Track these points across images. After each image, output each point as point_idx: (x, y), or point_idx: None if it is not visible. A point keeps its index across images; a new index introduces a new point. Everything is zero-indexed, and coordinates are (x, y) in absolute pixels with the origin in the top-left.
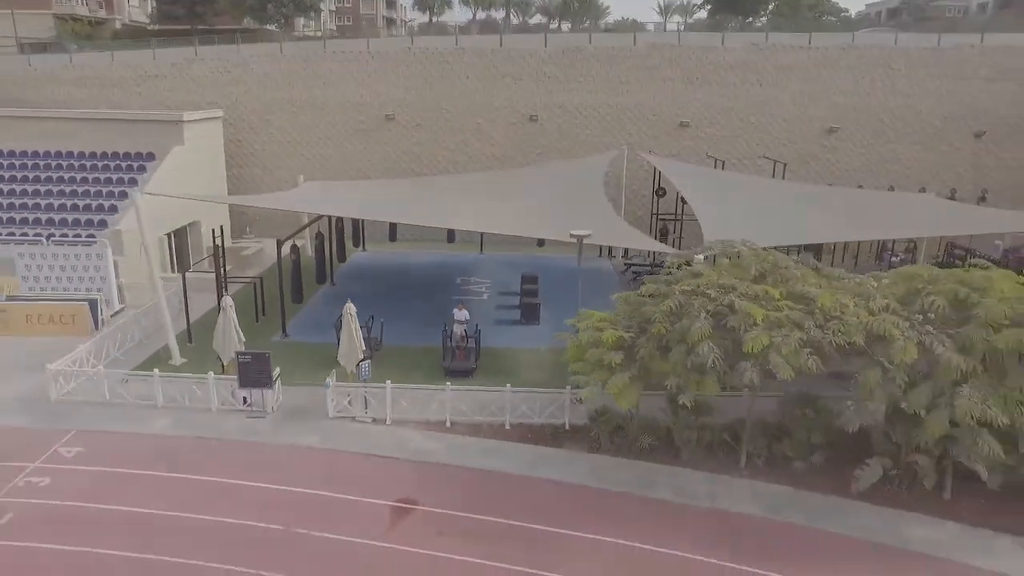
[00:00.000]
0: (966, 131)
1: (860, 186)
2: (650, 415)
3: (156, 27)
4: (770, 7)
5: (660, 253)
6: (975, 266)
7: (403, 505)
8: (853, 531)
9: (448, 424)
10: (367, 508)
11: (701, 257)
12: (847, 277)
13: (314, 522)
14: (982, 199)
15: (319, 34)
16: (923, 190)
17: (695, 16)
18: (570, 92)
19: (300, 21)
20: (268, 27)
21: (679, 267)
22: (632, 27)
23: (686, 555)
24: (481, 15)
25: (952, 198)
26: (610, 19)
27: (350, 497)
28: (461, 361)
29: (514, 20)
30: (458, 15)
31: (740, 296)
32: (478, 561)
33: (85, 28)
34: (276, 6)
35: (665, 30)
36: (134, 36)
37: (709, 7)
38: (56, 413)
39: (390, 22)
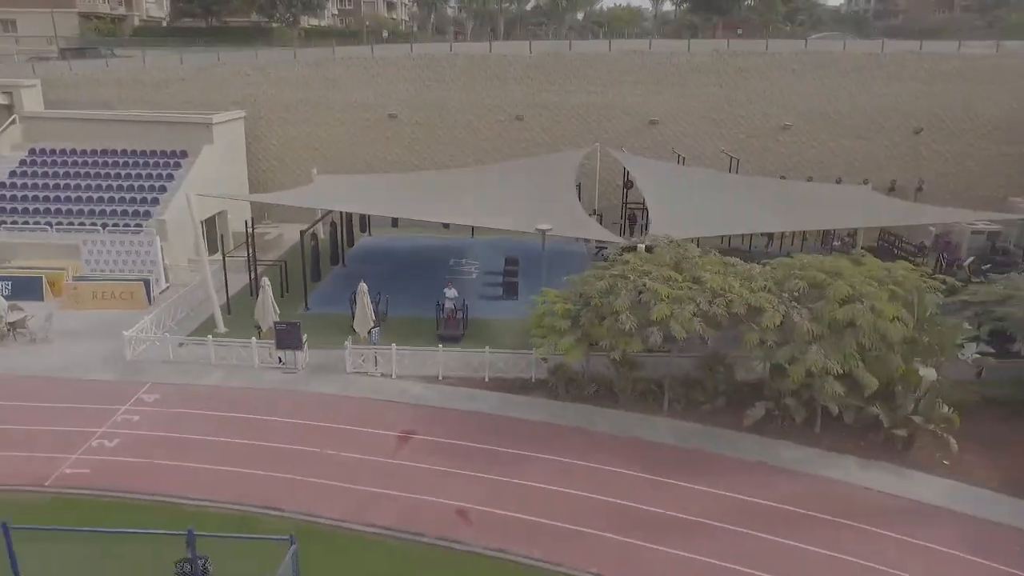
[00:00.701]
0: (906, 128)
1: (810, 177)
2: (596, 371)
3: (172, 24)
4: (745, 3)
5: (626, 240)
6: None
7: (404, 435)
8: (741, 454)
9: (440, 378)
10: (378, 437)
11: (643, 247)
12: (741, 264)
13: (340, 446)
14: (919, 189)
15: (324, 24)
16: (866, 181)
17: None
18: (552, 93)
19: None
20: (274, 24)
21: (621, 254)
22: (628, 13)
23: (614, 469)
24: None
25: (892, 188)
26: (606, 4)
27: (365, 429)
28: (451, 329)
29: (511, 5)
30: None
31: (652, 279)
32: (458, 471)
33: (107, 26)
34: (286, 6)
35: (658, 15)
36: (153, 34)
37: (688, 5)
38: (133, 369)
39: (391, 6)
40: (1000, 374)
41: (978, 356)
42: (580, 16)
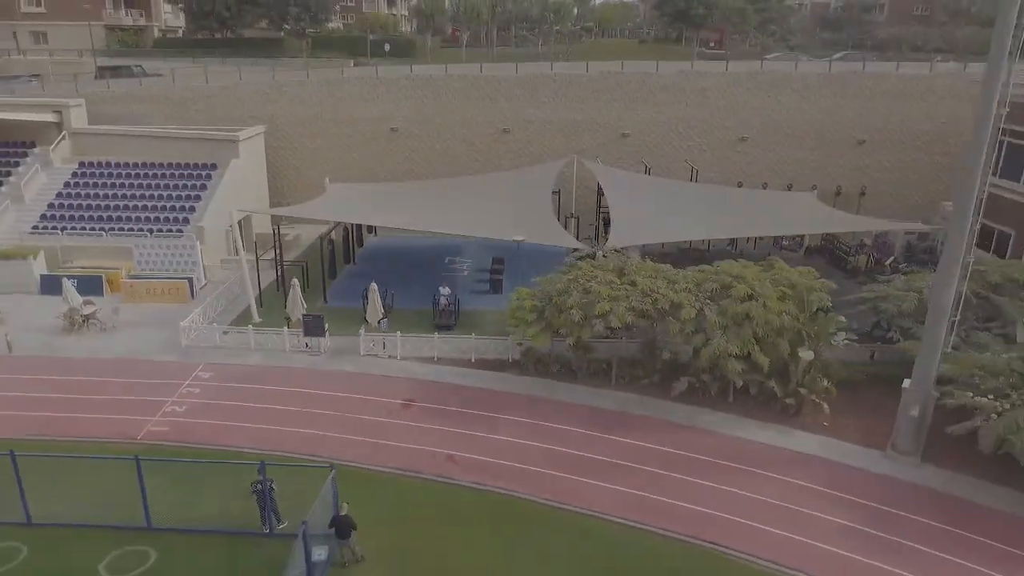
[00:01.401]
0: (850, 140)
1: (765, 184)
2: (559, 353)
3: (190, 36)
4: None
5: (594, 242)
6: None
7: (407, 402)
8: (669, 417)
9: (435, 359)
10: (386, 403)
11: (601, 253)
12: (670, 270)
13: (356, 411)
14: (862, 194)
15: (331, 27)
16: (814, 187)
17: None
18: (535, 109)
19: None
20: (283, 35)
21: (581, 259)
22: (619, 11)
23: (569, 428)
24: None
25: (839, 193)
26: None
27: (376, 398)
28: (445, 319)
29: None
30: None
31: (597, 282)
32: (448, 429)
33: (131, 37)
34: (295, 21)
35: (646, 14)
36: (173, 45)
37: (666, 18)
38: (188, 352)
39: (390, 2)
40: (890, 356)
41: (847, 342)
42: (574, 13)
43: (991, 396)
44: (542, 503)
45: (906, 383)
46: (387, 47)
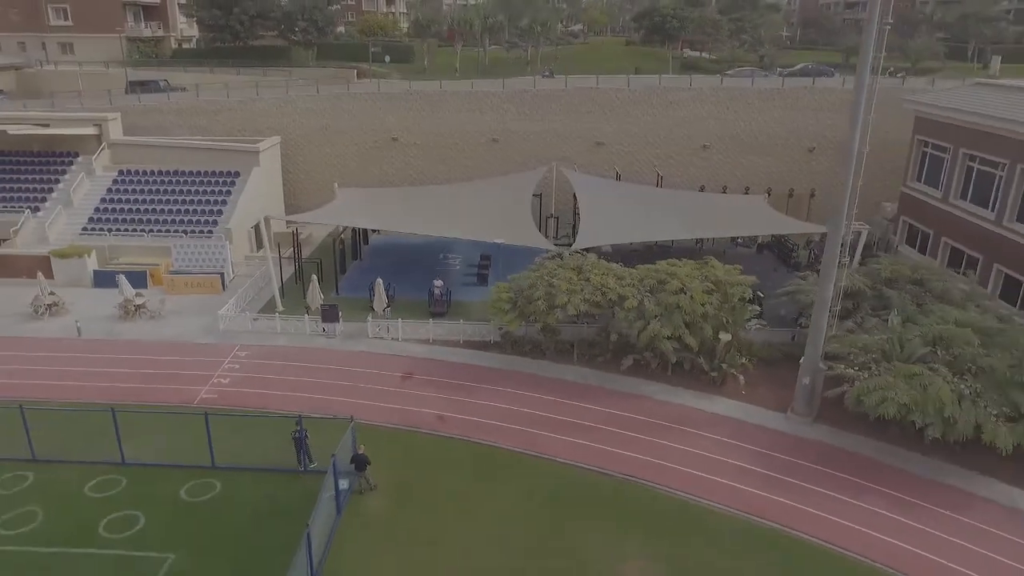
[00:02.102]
0: (802, 147)
1: (725, 188)
2: (531, 335)
3: (204, 46)
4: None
5: (571, 239)
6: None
7: (406, 375)
8: (618, 387)
9: (431, 341)
10: (390, 376)
11: (568, 253)
12: (618, 268)
13: (366, 382)
14: (812, 196)
15: (336, 31)
16: (769, 191)
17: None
18: (520, 121)
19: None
20: (291, 44)
21: (550, 259)
22: (608, 10)
23: (536, 395)
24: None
25: (791, 195)
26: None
27: (382, 372)
28: (439, 307)
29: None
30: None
31: (558, 278)
32: (440, 395)
33: (150, 48)
34: (303, 33)
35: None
36: (189, 55)
37: (643, 32)
38: (226, 335)
39: (389, 2)
40: (807, 338)
41: (758, 327)
42: (565, 12)
43: (857, 368)
44: (514, 451)
45: (803, 359)
46: (387, 59)
